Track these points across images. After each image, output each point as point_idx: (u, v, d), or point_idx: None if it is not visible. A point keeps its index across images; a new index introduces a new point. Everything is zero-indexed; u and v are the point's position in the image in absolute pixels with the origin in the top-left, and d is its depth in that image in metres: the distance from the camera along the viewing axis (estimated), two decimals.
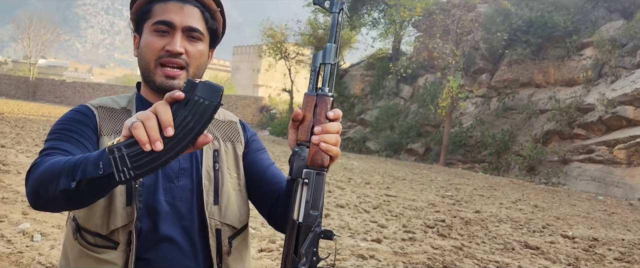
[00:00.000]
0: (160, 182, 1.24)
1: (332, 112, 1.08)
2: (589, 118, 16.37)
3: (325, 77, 1.09)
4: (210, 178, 1.29)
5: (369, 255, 4.84)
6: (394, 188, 10.46)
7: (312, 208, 1.04)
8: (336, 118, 1.08)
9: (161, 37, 1.23)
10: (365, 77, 26.50)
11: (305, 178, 1.05)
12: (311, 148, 1.06)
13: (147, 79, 1.27)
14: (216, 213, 1.28)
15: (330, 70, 1.09)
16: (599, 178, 14.97)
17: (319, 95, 1.08)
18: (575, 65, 18.31)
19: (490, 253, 5.53)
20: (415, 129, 21.74)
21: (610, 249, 6.40)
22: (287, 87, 29.32)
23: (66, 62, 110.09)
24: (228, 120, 1.42)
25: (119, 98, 1.34)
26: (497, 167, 18.00)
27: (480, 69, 21.53)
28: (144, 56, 1.25)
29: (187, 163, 1.28)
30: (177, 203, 1.25)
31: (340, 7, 1.12)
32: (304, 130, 1.08)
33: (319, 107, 1.07)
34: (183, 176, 1.27)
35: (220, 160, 1.32)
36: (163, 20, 1.22)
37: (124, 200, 1.18)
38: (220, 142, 1.35)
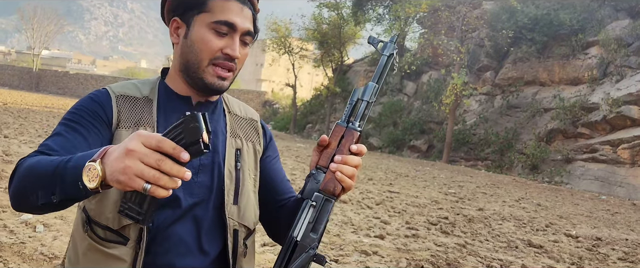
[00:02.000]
0: None
1: (355, 146, 1.12)
2: (593, 117, 16.30)
3: (359, 112, 1.13)
4: (232, 178, 1.26)
5: (372, 251, 4.82)
6: (396, 185, 10.44)
7: (312, 230, 1.08)
8: (359, 152, 1.12)
9: (220, 37, 1.19)
10: (369, 73, 26.44)
11: (314, 201, 1.09)
12: (327, 174, 1.10)
13: (193, 74, 1.21)
14: (235, 213, 1.26)
15: (365, 107, 1.13)
16: (603, 178, 14.92)
17: (348, 128, 1.12)
18: (581, 64, 18.22)
19: (493, 251, 5.51)
20: (419, 126, 21.69)
21: (613, 249, 6.37)
22: (291, 82, 29.28)
23: (69, 53, 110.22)
24: (249, 117, 1.39)
25: (141, 84, 1.29)
26: (500, 165, 17.96)
27: (485, 67, 21.45)
28: (196, 51, 1.20)
29: (207, 159, 1.25)
30: (194, 200, 1.22)
31: (392, 52, 1.15)
32: (326, 156, 1.12)
33: (345, 138, 1.12)
34: (203, 172, 1.24)
35: (242, 160, 1.30)
36: (226, 21, 1.18)
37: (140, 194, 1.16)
38: (243, 142, 1.32)
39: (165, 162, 0.80)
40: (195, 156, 0.80)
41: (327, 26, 26.73)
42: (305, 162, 12.83)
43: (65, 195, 0.91)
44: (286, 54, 29.22)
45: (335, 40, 26.40)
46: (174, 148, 0.79)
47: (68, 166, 0.91)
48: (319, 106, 28.17)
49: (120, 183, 0.81)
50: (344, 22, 26.20)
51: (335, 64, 27.43)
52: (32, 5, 64.76)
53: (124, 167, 0.80)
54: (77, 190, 0.88)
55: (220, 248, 1.25)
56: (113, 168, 0.82)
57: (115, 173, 0.81)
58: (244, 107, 1.41)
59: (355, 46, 28.68)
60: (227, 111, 1.35)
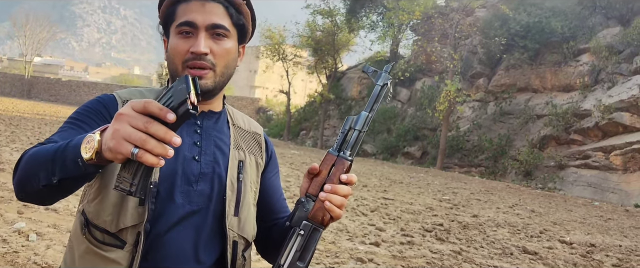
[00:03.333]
0: (177, 184, 1.20)
1: (346, 175, 1.12)
2: (586, 124, 16.41)
3: (351, 141, 1.13)
4: (234, 189, 1.26)
5: (368, 258, 4.81)
6: (391, 192, 10.44)
7: (299, 259, 1.09)
8: (349, 182, 1.12)
9: (186, 39, 1.20)
10: (362, 79, 26.50)
11: (301, 229, 1.09)
12: (317, 203, 1.10)
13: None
14: (235, 225, 1.25)
15: (356, 136, 1.13)
16: (595, 184, 15.00)
17: (339, 157, 1.12)
18: (572, 71, 18.37)
19: (489, 258, 5.51)
20: (412, 133, 21.75)
21: (607, 255, 6.39)
22: (285, 88, 29.29)
23: (62, 60, 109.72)
24: (252, 131, 1.39)
25: (147, 91, 1.30)
26: (494, 172, 18.01)
27: (478, 73, 21.57)
28: (172, 60, 1.22)
29: (208, 168, 1.24)
30: (193, 208, 1.21)
31: (385, 82, 1.16)
32: (316, 184, 1.12)
33: (335, 167, 1.12)
34: (203, 181, 1.23)
35: (244, 172, 1.29)
36: (185, 20, 1.19)
37: (137, 200, 1.15)
38: (245, 154, 1.32)
39: (153, 125, 0.80)
40: (184, 118, 0.80)
41: (321, 33, 26.80)
42: (299, 169, 12.81)
43: (65, 174, 0.92)
44: (280, 61, 29.24)
45: (329, 47, 26.47)
46: (161, 109, 0.80)
47: (69, 145, 0.94)
48: (313, 113, 28.18)
49: (110, 151, 0.82)
50: (337, 29, 26.29)
51: (329, 70, 27.48)
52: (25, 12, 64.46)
53: (113, 131, 0.82)
54: (77, 167, 0.90)
55: (216, 259, 1.24)
56: (105, 136, 0.84)
57: (107, 140, 0.83)
58: (248, 121, 1.41)
59: (349, 53, 28.76)
60: (232, 123, 1.35)
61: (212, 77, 1.21)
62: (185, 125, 1.24)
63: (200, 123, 1.27)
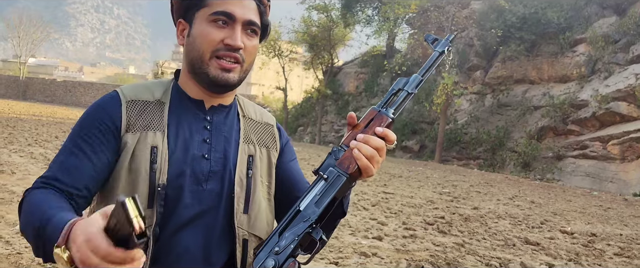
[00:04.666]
0: (186, 184, 1.17)
1: (381, 128, 1.09)
2: (583, 114, 16.45)
3: (397, 101, 1.13)
4: (242, 185, 1.23)
5: (372, 252, 4.81)
6: (391, 186, 10.45)
7: (316, 203, 1.06)
8: (384, 136, 1.09)
9: (220, 29, 1.17)
10: (359, 74, 26.49)
11: (326, 175, 1.07)
12: (347, 152, 1.09)
13: (198, 70, 1.20)
14: (245, 222, 1.22)
15: (404, 97, 1.13)
16: (593, 174, 15.05)
17: (379, 112, 1.11)
18: (569, 61, 18.39)
19: (491, 250, 5.52)
20: (410, 126, 21.76)
21: (609, 244, 6.41)
22: (281, 85, 29.25)
23: (56, 61, 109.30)
24: (264, 121, 1.36)
25: (154, 86, 1.26)
26: (492, 164, 18.05)
27: (475, 66, 21.58)
28: (198, 46, 1.18)
29: (218, 166, 1.22)
30: (203, 208, 1.19)
31: (444, 49, 1.16)
32: (351, 135, 1.11)
33: (374, 121, 1.11)
34: (213, 179, 1.21)
35: (254, 167, 1.26)
36: (224, 11, 1.16)
37: (146, 203, 1.13)
38: (256, 147, 1.29)
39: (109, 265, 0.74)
40: (134, 247, 0.72)
41: (316, 28, 26.75)
42: (301, 164, 12.80)
43: (49, 260, 0.94)
44: (276, 57, 29.19)
45: (325, 43, 26.42)
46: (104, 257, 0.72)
47: (46, 233, 0.92)
48: (310, 109, 28.16)
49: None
50: (333, 24, 26.24)
51: (325, 66, 27.44)
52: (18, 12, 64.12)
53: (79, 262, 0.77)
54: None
55: (227, 258, 1.21)
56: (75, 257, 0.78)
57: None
58: (260, 111, 1.38)
59: (345, 48, 28.73)
60: (242, 115, 1.32)
61: (239, 72, 1.20)
62: (194, 121, 1.23)
63: (209, 118, 1.24)
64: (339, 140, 24.03)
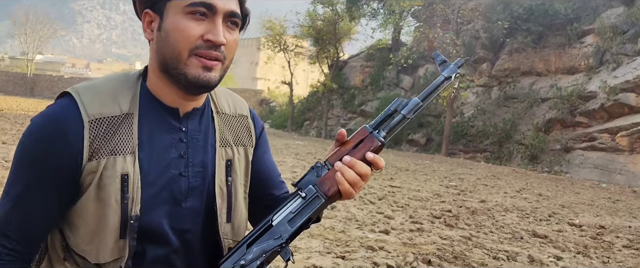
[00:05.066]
0: (163, 210, 1.05)
1: (372, 154, 1.04)
2: (591, 106, 16.32)
3: (391, 124, 1.07)
4: (224, 196, 1.13)
5: (379, 246, 4.80)
6: (397, 179, 10.43)
7: (290, 221, 1.03)
8: (373, 163, 1.04)
9: (198, 22, 1.00)
10: (365, 68, 26.41)
11: (304, 193, 1.03)
12: (330, 171, 1.04)
13: (174, 71, 1.02)
14: (229, 232, 1.14)
15: (399, 121, 1.07)
16: (602, 166, 14.95)
17: (371, 134, 1.05)
18: (577, 52, 18.23)
19: (499, 243, 5.50)
20: (416, 120, 21.68)
21: (618, 237, 6.37)
22: (287, 79, 29.22)
23: (63, 57, 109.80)
24: (238, 113, 1.22)
25: (119, 90, 1.05)
26: (499, 157, 17.97)
27: (481, 58, 21.45)
28: (173, 43, 1.00)
29: (197, 180, 1.09)
30: (183, 228, 1.08)
31: (451, 75, 1.08)
32: (337, 154, 1.06)
33: (364, 143, 1.05)
34: (192, 196, 1.09)
35: (234, 173, 1.15)
36: (203, 1, 0.99)
37: (117, 234, 1.00)
38: (233, 149, 1.16)
39: None
40: None
41: (321, 22, 26.67)
42: (305, 160, 12.81)
43: None
44: (281, 52, 29.15)
45: (330, 36, 26.35)
46: None
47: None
48: (316, 103, 28.13)
49: None
50: (338, 18, 26.15)
51: (330, 60, 27.38)
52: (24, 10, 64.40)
53: None
54: None
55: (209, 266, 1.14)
56: None
57: None
58: (232, 100, 1.24)
59: (350, 42, 28.66)
60: (216, 112, 1.17)
61: (220, 71, 1.05)
62: (168, 134, 1.07)
63: (185, 128, 1.09)
64: None
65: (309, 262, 4.19)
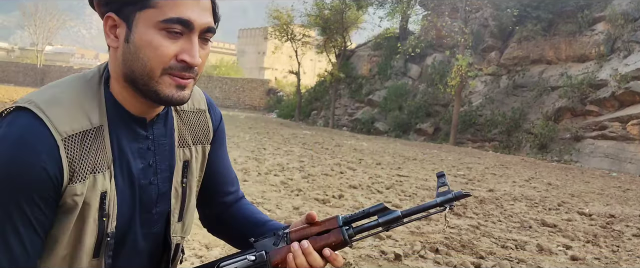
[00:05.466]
0: (137, 221, 1.05)
1: (329, 251, 1.02)
2: (602, 94, 16.14)
3: (364, 226, 1.05)
4: (178, 196, 1.11)
5: (386, 235, 4.79)
6: (405, 169, 10.40)
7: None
8: (329, 258, 1.02)
9: (173, 40, 0.93)
10: (372, 57, 26.28)
11: (255, 256, 1.04)
12: (285, 248, 1.04)
13: (144, 87, 0.95)
14: (179, 230, 1.14)
15: (373, 226, 1.04)
16: (612, 155, 14.81)
17: (341, 228, 1.04)
18: (587, 40, 18.01)
19: (507, 232, 5.47)
20: (424, 109, 21.59)
21: (628, 226, 6.32)
22: (294, 69, 29.15)
23: (73, 48, 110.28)
24: (196, 108, 1.17)
25: (85, 100, 0.97)
26: (508, 146, 17.86)
27: (490, 47, 21.25)
28: (144, 60, 0.93)
29: (165, 186, 1.08)
30: (152, 231, 1.09)
31: (446, 205, 1.03)
32: (300, 232, 1.06)
33: (329, 234, 1.03)
34: (162, 201, 1.08)
35: (190, 174, 1.13)
36: (180, 18, 0.91)
37: (92, 253, 0.98)
38: (191, 149, 1.14)
39: None
40: None
41: (329, 11, 26.50)
42: (312, 149, 12.80)
43: None
44: (289, 41, 29.05)
45: (337, 26, 26.20)
46: None
47: None
48: (324, 92, 28.06)
49: None
50: (346, 7, 25.97)
51: (338, 49, 27.24)
52: (33, 1, 64.63)
53: None
54: None
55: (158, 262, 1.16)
56: None
57: None
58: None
59: (358, 31, 28.49)
60: (175, 110, 1.12)
61: (191, 88, 1.00)
62: (136, 144, 1.04)
63: (151, 136, 1.06)
64: (352, 123, 23.95)
65: None
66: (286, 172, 8.37)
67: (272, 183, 7.17)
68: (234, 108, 35.23)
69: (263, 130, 17.92)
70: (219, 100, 38.12)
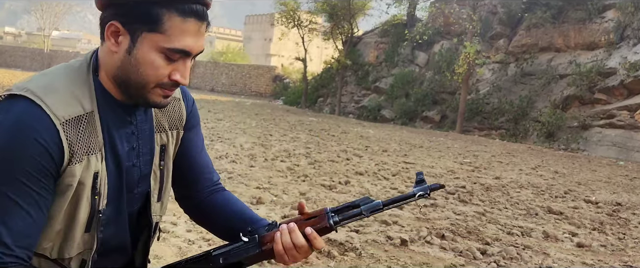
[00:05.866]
0: (123, 195, 1.13)
1: (310, 229, 1.12)
2: (611, 82, 16.02)
3: (348, 215, 1.14)
4: (157, 178, 1.20)
5: (392, 221, 4.82)
6: (411, 156, 10.40)
7: (224, 256, 1.15)
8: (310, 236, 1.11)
9: (170, 63, 1.03)
10: (379, 44, 26.13)
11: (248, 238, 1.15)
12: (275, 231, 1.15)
13: (134, 93, 1.05)
14: (158, 209, 1.24)
15: (355, 215, 1.13)
16: (620, 144, 14.73)
17: (327, 214, 1.13)
18: (597, 28, 17.83)
19: (513, 219, 5.48)
20: (431, 97, 21.50)
21: (634, 213, 6.31)
22: (300, 55, 29.05)
23: (79, 33, 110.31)
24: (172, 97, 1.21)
25: (77, 89, 1.04)
26: (515, 134, 17.80)
27: (498, 34, 21.08)
28: (142, 74, 1.02)
29: (147, 167, 1.17)
30: (133, 210, 1.18)
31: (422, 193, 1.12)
32: (291, 220, 1.16)
33: (315, 219, 1.14)
34: (142, 182, 1.17)
35: (167, 157, 1.22)
36: (183, 49, 1.02)
37: (84, 228, 1.06)
38: (168, 134, 1.22)
39: None
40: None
41: None
42: (318, 136, 12.82)
43: None
44: (295, 28, 28.92)
45: (344, 12, 26.03)
46: None
47: None
48: (330, 79, 27.98)
49: None
50: None
51: (345, 36, 27.10)
52: None
53: None
54: None
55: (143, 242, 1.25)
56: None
57: None
58: None
59: (365, 17, 28.29)
60: None
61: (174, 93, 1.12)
62: (122, 128, 1.12)
63: (134, 121, 1.14)
64: (359, 110, 23.93)
65: None
66: (292, 158, 8.40)
67: (278, 169, 7.21)
68: (240, 94, 35.24)
69: (269, 116, 17.94)
70: (225, 87, 38.13)
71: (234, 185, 5.85)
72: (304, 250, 1.12)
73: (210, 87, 38.57)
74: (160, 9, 0.99)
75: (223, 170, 6.70)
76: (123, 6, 1.00)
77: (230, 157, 7.80)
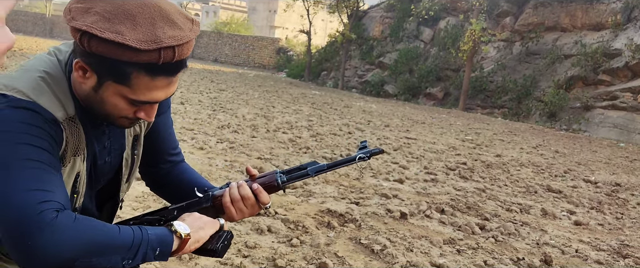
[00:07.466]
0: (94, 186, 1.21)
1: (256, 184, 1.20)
2: (615, 63, 15.91)
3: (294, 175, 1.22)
4: (128, 165, 1.27)
5: (392, 194, 4.87)
6: (413, 132, 10.43)
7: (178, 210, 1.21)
8: (256, 191, 1.19)
9: (134, 106, 1.04)
10: (385, 18, 25.87)
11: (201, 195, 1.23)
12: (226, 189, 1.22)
13: (100, 119, 1.10)
14: (126, 188, 1.31)
15: (302, 175, 1.22)
16: (622, 125, 14.73)
17: (276, 173, 1.22)
18: (604, 8, 17.62)
19: (512, 196, 5.54)
20: (435, 73, 21.40)
21: (633, 194, 6.37)
22: (305, 28, 28.81)
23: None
24: None
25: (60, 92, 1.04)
26: (517, 113, 17.78)
27: (505, 12, 20.85)
28: (108, 111, 1.04)
29: (116, 161, 1.23)
30: (100, 187, 1.25)
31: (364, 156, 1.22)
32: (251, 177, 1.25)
33: (265, 178, 1.22)
34: (111, 171, 1.25)
35: (139, 146, 1.28)
36: (148, 101, 1.02)
37: None
38: (141, 123, 1.26)
39: None
40: None
41: None
42: (321, 109, 12.82)
43: (142, 261, 0.98)
44: (300, 0, 28.60)
45: None
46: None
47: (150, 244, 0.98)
48: (334, 53, 27.81)
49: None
50: None
51: (350, 9, 26.82)
52: None
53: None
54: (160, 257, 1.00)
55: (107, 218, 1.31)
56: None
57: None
58: None
59: None
60: None
61: None
62: (96, 130, 1.14)
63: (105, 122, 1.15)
64: (362, 85, 23.86)
65: (323, 205, 4.27)
66: (294, 130, 8.42)
67: (280, 141, 7.24)
68: (243, 66, 35.08)
69: (272, 88, 17.91)
70: (229, 58, 37.91)
71: (236, 155, 5.90)
72: (250, 203, 1.19)
73: (213, 57, 38.36)
74: (128, 67, 0.95)
75: (225, 140, 6.74)
76: (92, 55, 0.95)
77: (232, 128, 7.82)
